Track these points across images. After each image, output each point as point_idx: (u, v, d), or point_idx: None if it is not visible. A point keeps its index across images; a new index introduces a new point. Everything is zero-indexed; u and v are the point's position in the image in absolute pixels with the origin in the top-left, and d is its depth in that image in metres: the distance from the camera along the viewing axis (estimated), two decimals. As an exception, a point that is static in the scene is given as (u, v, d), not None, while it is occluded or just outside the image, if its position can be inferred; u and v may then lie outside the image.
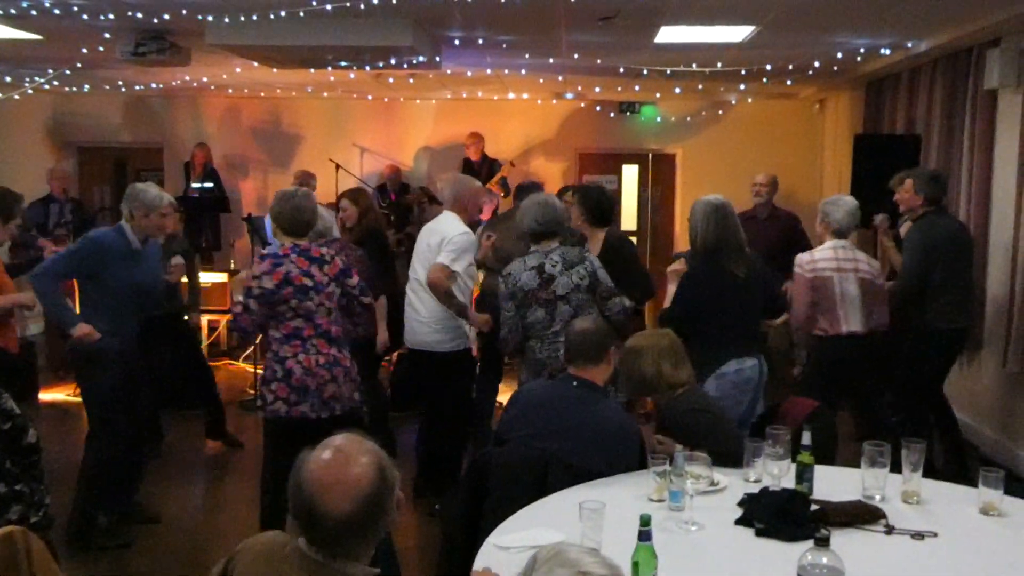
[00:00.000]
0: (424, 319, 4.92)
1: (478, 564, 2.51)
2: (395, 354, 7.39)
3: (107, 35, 6.33)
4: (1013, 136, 5.65)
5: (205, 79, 8.99)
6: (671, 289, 4.36)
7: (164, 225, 4.61)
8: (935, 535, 2.66)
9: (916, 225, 5.19)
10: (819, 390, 4.70)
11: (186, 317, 6.32)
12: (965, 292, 5.25)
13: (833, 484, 3.00)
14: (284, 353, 3.97)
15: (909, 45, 6.63)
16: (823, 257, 4.78)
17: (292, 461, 1.88)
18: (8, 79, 9.10)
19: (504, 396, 5.80)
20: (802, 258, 4.83)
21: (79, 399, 4.94)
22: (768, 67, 7.65)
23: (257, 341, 7.01)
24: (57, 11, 5.60)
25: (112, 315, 4.41)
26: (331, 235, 5.29)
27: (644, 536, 2.27)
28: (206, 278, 8.43)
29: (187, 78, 8.87)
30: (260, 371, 4.18)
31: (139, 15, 5.69)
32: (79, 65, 8.06)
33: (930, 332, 5.14)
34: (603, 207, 5.17)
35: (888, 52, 6.92)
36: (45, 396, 7.26)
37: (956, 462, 5.20)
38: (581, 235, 4.96)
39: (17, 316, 5.02)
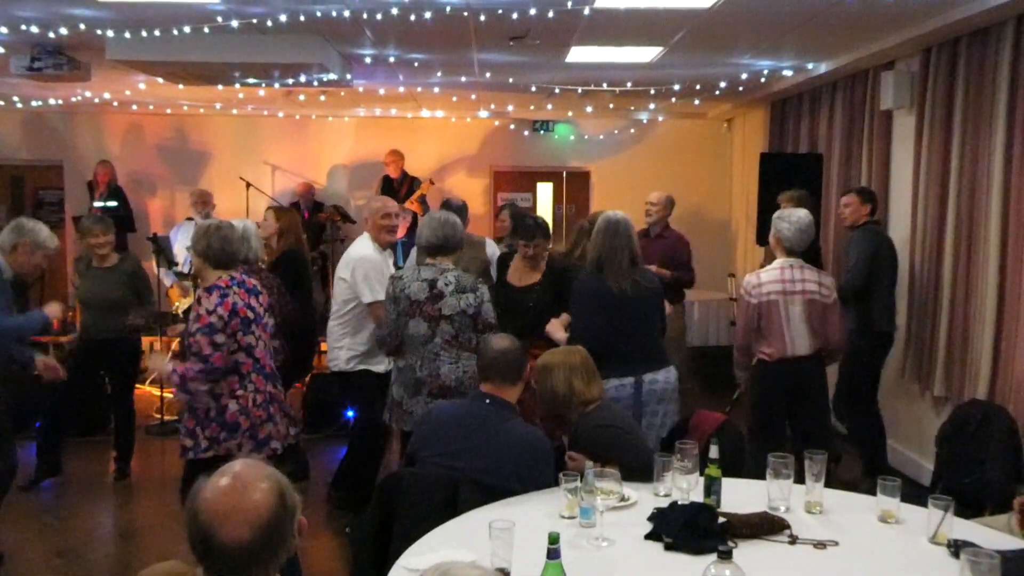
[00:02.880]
0: (331, 339, 5.05)
1: (386, 588, 2.47)
2: (308, 376, 7.27)
3: (0, 49, 6.10)
4: (907, 155, 5.89)
5: (107, 95, 8.73)
6: (560, 336, 4.39)
7: (42, 266, 4.49)
8: (836, 544, 2.73)
9: (861, 231, 5.48)
10: (766, 416, 4.79)
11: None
12: (894, 299, 5.59)
13: (740, 496, 3.05)
14: (220, 389, 3.76)
15: (810, 67, 6.88)
16: (769, 279, 4.66)
17: None
18: None
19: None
20: (749, 281, 4.74)
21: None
22: (676, 87, 7.83)
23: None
24: (-55, 23, 5.37)
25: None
26: (257, 263, 5.23)
27: (553, 554, 2.27)
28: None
29: (88, 94, 8.60)
30: (185, 412, 3.90)
31: (34, 29, 5.49)
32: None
33: (874, 333, 5.43)
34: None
35: (791, 73, 7.16)
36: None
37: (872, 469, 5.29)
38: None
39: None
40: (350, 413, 6.27)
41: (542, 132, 10.74)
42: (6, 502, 4.59)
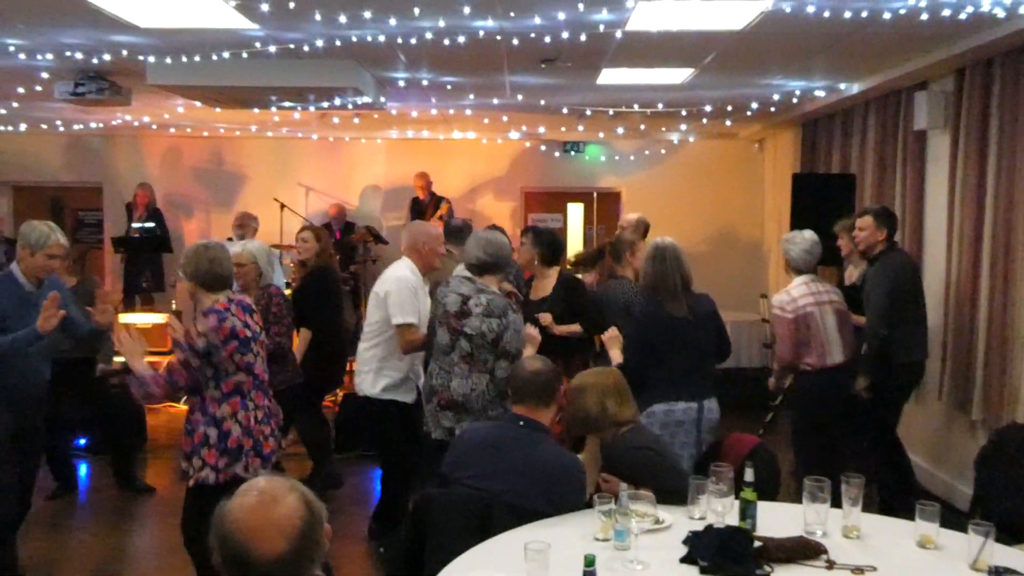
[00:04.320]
0: (359, 362, 4.95)
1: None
2: (340, 395, 7.32)
3: (45, 75, 6.25)
4: (942, 175, 5.84)
5: (146, 118, 8.90)
6: (614, 355, 4.38)
7: (51, 267, 4.27)
8: (874, 569, 2.70)
9: (879, 264, 5.17)
10: (807, 427, 4.90)
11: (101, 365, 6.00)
12: (923, 324, 5.35)
13: (776, 520, 3.03)
14: (222, 413, 3.73)
15: (842, 87, 6.85)
16: (801, 294, 4.87)
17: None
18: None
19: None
20: (781, 299, 4.90)
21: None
22: (708, 108, 7.83)
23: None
24: (-7, 51, 5.52)
25: (6, 364, 4.16)
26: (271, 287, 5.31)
27: (588, 577, 2.27)
28: (147, 319, 8.29)
29: (128, 117, 8.78)
30: (185, 435, 3.83)
31: (78, 56, 5.63)
32: (15, 105, 7.92)
33: (896, 365, 5.19)
34: (555, 248, 5.40)
35: (823, 94, 7.14)
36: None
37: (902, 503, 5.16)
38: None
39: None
40: None
41: (573, 153, 10.78)
42: (34, 520, 4.58)
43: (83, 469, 6.44)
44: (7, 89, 7.04)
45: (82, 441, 6.67)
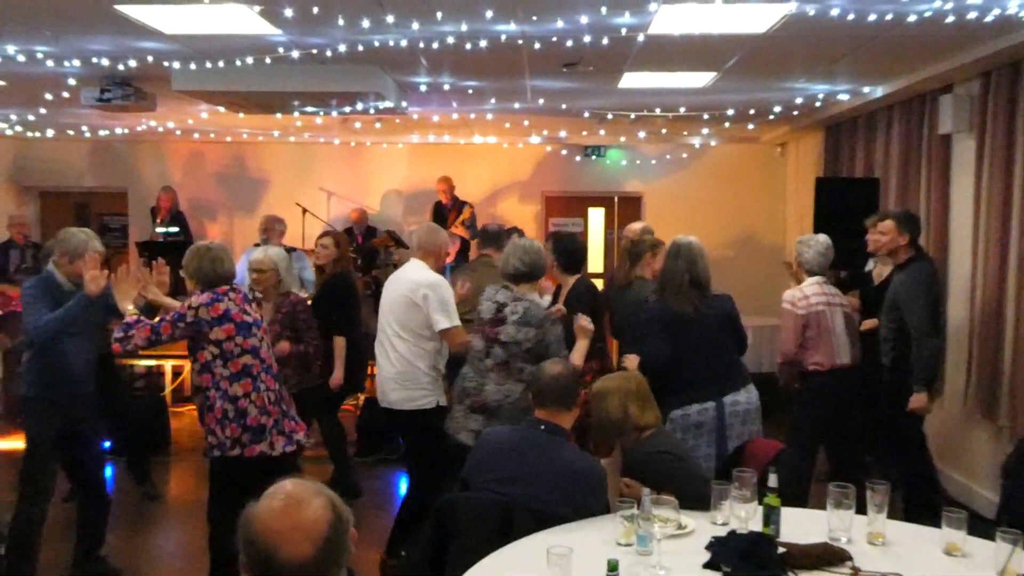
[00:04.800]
0: (391, 376, 4.62)
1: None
2: (361, 399, 7.34)
3: (72, 81, 6.32)
4: (968, 179, 5.79)
5: (171, 124, 8.98)
6: (580, 345, 4.24)
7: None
8: (900, 576, 2.68)
9: (913, 274, 4.92)
10: (810, 427, 4.92)
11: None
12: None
13: (800, 526, 3.01)
14: (235, 392, 3.91)
15: (866, 91, 6.81)
16: (814, 292, 4.94)
17: (245, 502, 1.85)
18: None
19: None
20: (793, 295, 4.97)
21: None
22: (730, 112, 7.80)
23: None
24: (22, 58, 5.59)
25: (49, 364, 4.22)
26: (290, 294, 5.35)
27: (611, 582, 2.26)
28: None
29: (152, 123, 8.86)
30: (205, 412, 4.05)
31: (104, 62, 5.69)
32: (42, 111, 8.02)
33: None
34: (572, 255, 5.16)
35: (846, 97, 7.10)
36: (1, 444, 7.10)
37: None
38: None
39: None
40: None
41: (594, 157, 10.77)
42: (52, 522, 4.63)
43: (107, 472, 6.48)
44: (35, 95, 7.13)
45: (107, 443, 6.71)
